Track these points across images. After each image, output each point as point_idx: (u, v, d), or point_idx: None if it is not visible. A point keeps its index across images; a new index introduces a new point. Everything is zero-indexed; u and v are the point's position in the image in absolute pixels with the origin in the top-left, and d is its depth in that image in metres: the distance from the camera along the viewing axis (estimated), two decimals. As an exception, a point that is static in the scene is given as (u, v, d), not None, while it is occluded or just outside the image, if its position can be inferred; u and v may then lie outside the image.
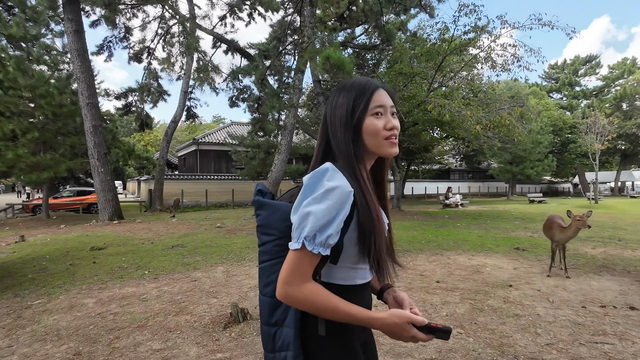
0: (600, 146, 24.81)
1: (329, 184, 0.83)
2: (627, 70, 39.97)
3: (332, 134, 0.94)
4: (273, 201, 0.99)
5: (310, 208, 0.82)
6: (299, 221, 0.83)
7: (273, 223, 0.94)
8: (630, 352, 2.76)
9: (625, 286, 4.48)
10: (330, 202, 0.81)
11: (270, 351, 0.93)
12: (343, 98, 0.94)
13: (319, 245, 0.81)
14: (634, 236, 8.63)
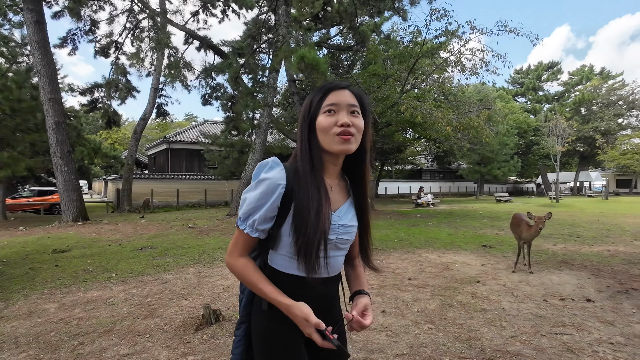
0: (561, 148, 26.16)
1: (264, 175, 0.94)
2: (585, 76, 42.44)
3: (302, 121, 1.01)
4: None
5: (246, 194, 0.95)
6: (240, 204, 0.97)
7: None
8: (586, 341, 2.93)
9: (583, 280, 4.76)
10: (259, 191, 0.93)
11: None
12: (307, 99, 1.03)
13: (248, 227, 0.95)
14: (590, 233, 9.16)
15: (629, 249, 6.93)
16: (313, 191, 0.93)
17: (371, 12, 14.10)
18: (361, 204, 1.09)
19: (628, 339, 2.98)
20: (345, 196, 1.08)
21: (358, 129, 0.97)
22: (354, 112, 0.97)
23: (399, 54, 13.31)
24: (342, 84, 1.00)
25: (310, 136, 0.98)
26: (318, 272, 0.96)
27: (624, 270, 5.29)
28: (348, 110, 0.96)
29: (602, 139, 35.54)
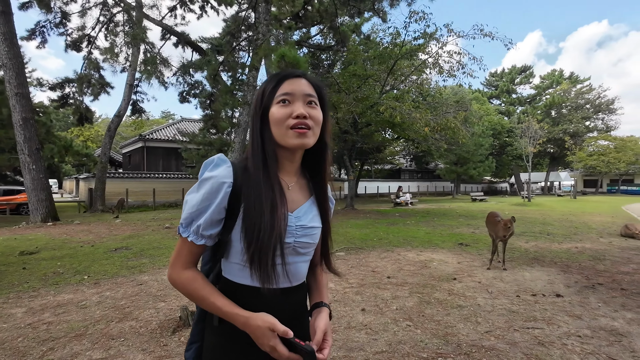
0: (533, 149, 27.15)
1: (208, 174, 0.84)
2: (556, 80, 44.23)
3: (255, 113, 0.91)
4: None
5: (189, 196, 0.85)
6: (183, 208, 0.86)
7: None
8: (556, 335, 3.05)
9: (553, 276, 4.95)
10: (202, 191, 0.82)
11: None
12: (259, 88, 0.93)
13: (192, 233, 0.83)
14: (560, 231, 9.55)
15: (594, 246, 7.27)
16: (266, 190, 0.83)
17: (351, 12, 14.17)
18: (323, 203, 0.98)
19: (594, 331, 3.12)
20: (306, 195, 0.96)
21: (316, 121, 0.87)
22: (311, 103, 0.88)
23: (379, 55, 13.46)
24: (297, 71, 0.91)
25: (263, 129, 0.88)
26: (276, 282, 0.84)
27: (590, 266, 5.54)
28: (304, 100, 0.87)
29: (571, 141, 37.16)
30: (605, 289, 4.33)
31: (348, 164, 17.35)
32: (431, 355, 2.68)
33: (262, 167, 0.85)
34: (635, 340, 2.95)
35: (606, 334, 3.06)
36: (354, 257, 6.13)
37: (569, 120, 38.84)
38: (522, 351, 2.75)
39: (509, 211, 15.97)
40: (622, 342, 2.91)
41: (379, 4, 13.69)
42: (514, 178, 42.17)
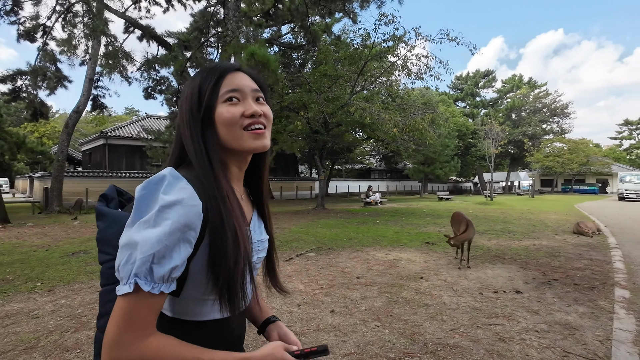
0: (495, 150, 28.39)
1: (166, 198, 0.62)
2: (516, 85, 46.48)
3: (182, 133, 0.74)
4: (112, 211, 0.79)
5: (143, 234, 0.60)
6: (128, 253, 0.60)
7: (110, 239, 0.74)
8: (516, 330, 3.19)
9: (513, 273, 5.19)
10: (169, 222, 0.60)
11: None
12: (189, 88, 0.76)
13: (159, 281, 0.60)
14: (519, 229, 10.04)
15: (550, 243, 7.70)
16: (225, 208, 0.68)
17: (322, 12, 14.18)
18: (265, 212, 0.88)
19: (550, 325, 3.29)
20: (251, 205, 0.87)
21: (269, 119, 0.77)
22: (259, 99, 0.78)
23: (349, 56, 13.57)
24: (235, 65, 0.79)
25: (205, 133, 0.72)
26: (245, 305, 0.73)
27: (546, 262, 5.86)
28: (253, 96, 0.76)
29: (529, 143, 39.26)
30: (560, 285, 4.59)
31: (319, 164, 17.37)
32: (398, 355, 2.72)
33: (213, 179, 0.69)
34: (587, 333, 3.14)
35: (561, 328, 3.23)
36: (324, 258, 6.14)
37: (528, 123, 41.02)
38: (485, 348, 2.85)
39: (473, 210, 16.61)
40: (575, 336, 3.08)
41: (349, 5, 13.79)
42: (478, 178, 43.98)
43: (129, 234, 0.61)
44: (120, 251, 0.61)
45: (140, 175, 20.57)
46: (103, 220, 0.78)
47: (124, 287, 0.59)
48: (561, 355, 2.74)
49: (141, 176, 20.43)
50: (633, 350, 2.82)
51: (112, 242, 0.71)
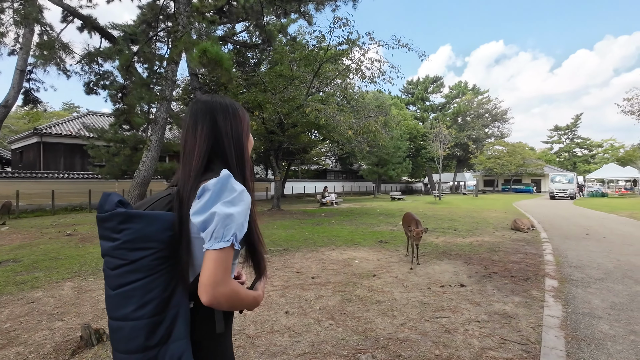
0: (443, 152, 29.98)
1: (237, 187, 0.92)
2: (462, 91, 49.41)
3: (234, 143, 1.04)
4: (149, 212, 0.93)
5: (231, 209, 0.88)
6: (222, 222, 0.86)
7: (152, 235, 0.89)
8: (459, 322, 3.39)
9: (458, 267, 5.50)
10: (243, 203, 0.91)
11: None
12: (242, 115, 1.10)
13: (239, 242, 0.89)
14: (464, 226, 10.68)
15: (491, 239, 8.28)
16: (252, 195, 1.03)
17: (278, 12, 14.10)
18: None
19: (490, 315, 3.54)
20: None
21: None
22: None
23: (305, 57, 13.62)
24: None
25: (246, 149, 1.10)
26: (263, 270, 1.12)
27: (487, 257, 6.28)
28: None
29: (474, 145, 41.95)
30: (499, 277, 4.95)
31: (274, 165, 17.23)
32: (351, 352, 2.78)
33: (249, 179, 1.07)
34: (521, 320, 3.42)
35: (499, 317, 3.49)
36: (278, 259, 6.10)
37: (472, 127, 43.81)
38: (432, 340, 3.00)
39: (423, 209, 17.39)
40: (511, 324, 3.34)
41: (304, 7, 13.84)
42: (428, 178, 46.13)
43: (220, 209, 0.87)
44: (212, 221, 0.86)
45: (81, 176, 19.08)
46: (137, 222, 0.89)
47: (220, 243, 0.85)
48: (499, 343, 2.96)
49: (82, 177, 18.96)
50: (560, 334, 3.11)
51: (155, 237, 0.89)
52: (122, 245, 0.88)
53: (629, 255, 6.41)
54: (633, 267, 5.53)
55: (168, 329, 0.88)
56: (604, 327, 3.28)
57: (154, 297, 0.87)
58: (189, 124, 1.04)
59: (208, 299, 0.83)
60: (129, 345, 0.86)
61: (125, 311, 0.87)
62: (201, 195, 0.90)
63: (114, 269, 0.90)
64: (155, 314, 0.87)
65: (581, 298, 4.09)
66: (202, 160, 0.99)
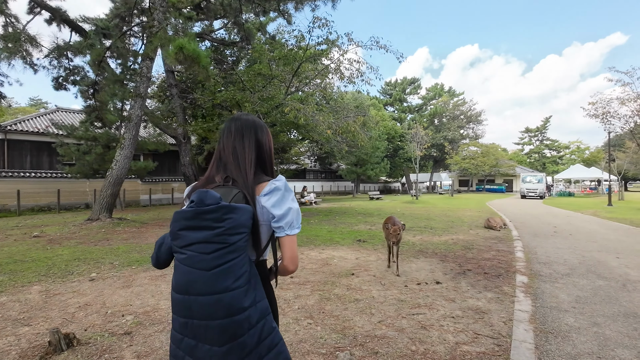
0: (420, 153, 30.56)
1: (290, 188, 1.26)
2: (438, 93, 50.49)
3: (268, 155, 1.36)
4: (241, 204, 1.18)
5: (296, 205, 1.25)
6: (295, 214, 1.23)
7: (245, 222, 1.16)
8: (435, 318, 3.47)
9: (434, 265, 5.63)
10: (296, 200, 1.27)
11: (244, 333, 1.12)
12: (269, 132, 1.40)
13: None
14: (440, 225, 10.93)
15: (466, 237, 8.51)
16: None
17: (256, 10, 13.98)
18: None
19: (464, 311, 3.65)
20: None
21: None
22: None
23: (284, 56, 13.55)
24: None
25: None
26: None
27: (462, 255, 6.46)
28: None
29: (449, 146, 42.96)
30: (472, 274, 5.10)
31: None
32: (329, 350, 2.80)
33: None
34: (493, 315, 3.54)
35: (473, 313, 3.60)
36: (257, 259, 6.05)
37: (448, 128, 44.87)
38: (408, 336, 3.06)
39: (401, 208, 17.68)
40: (484, 319, 3.45)
41: (284, 5, 13.78)
42: (405, 178, 46.88)
43: (292, 205, 1.24)
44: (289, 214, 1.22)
45: (49, 175, 18.28)
46: (236, 212, 1.15)
47: (296, 229, 1.24)
48: (472, 337, 3.05)
49: (50, 176, 18.16)
50: (529, 328, 3.24)
51: (247, 224, 1.17)
52: (225, 231, 1.12)
53: (592, 252, 6.75)
54: (596, 263, 5.83)
55: (254, 292, 1.17)
56: (569, 319, 3.44)
57: (245, 270, 1.15)
58: (235, 133, 1.31)
59: (294, 268, 1.25)
60: (231, 309, 1.11)
61: (227, 284, 1.11)
62: (272, 192, 1.21)
63: (211, 252, 1.12)
64: (246, 283, 1.14)
65: (549, 293, 4.27)
66: (254, 166, 1.28)
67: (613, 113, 20.48)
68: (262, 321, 1.16)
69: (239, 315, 1.11)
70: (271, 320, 1.21)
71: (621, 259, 6.13)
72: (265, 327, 1.17)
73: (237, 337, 1.11)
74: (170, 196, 23.42)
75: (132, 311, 3.64)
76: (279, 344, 1.19)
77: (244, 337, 1.11)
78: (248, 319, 1.13)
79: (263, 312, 1.17)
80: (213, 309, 1.10)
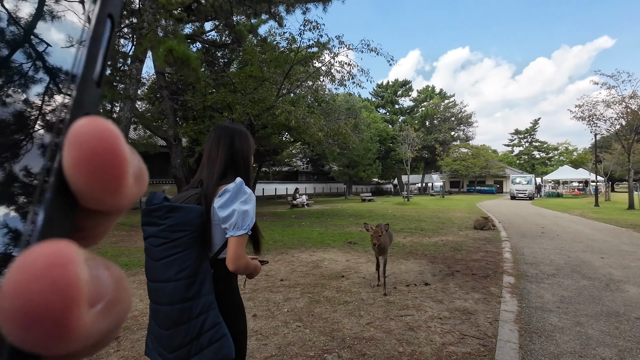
0: (411, 154, 30.78)
1: (248, 191, 1.30)
2: (429, 95, 50.95)
3: (243, 159, 1.43)
4: (186, 205, 1.29)
5: (246, 207, 1.26)
6: (241, 216, 1.24)
7: (189, 221, 1.24)
8: (423, 319, 3.52)
9: (423, 267, 5.69)
10: (252, 202, 1.30)
11: (186, 322, 1.20)
12: (250, 140, 1.47)
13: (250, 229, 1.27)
14: (430, 226, 11.03)
15: (455, 238, 8.61)
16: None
17: (248, 12, 13.98)
18: None
19: (451, 312, 3.70)
20: None
21: None
22: None
23: (275, 58, 13.57)
24: None
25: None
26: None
27: (451, 256, 6.54)
28: None
29: (440, 148, 43.34)
30: (461, 275, 5.16)
31: (245, 166, 16.99)
32: (318, 353, 2.82)
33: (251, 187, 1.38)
34: (480, 316, 3.60)
35: (460, 314, 3.65)
36: (248, 262, 6.05)
37: (439, 130, 45.27)
38: (396, 337, 3.10)
39: (392, 210, 17.78)
40: (471, 319, 3.51)
41: (275, 8, 13.81)
42: (397, 180, 47.13)
43: (238, 207, 1.25)
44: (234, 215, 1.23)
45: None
46: (179, 212, 1.24)
47: (241, 231, 1.24)
48: (459, 338, 3.10)
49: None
50: (514, 328, 3.30)
51: (190, 223, 1.24)
52: (167, 228, 1.22)
53: (578, 252, 6.88)
54: (581, 263, 5.94)
55: (199, 286, 1.23)
56: (553, 319, 3.52)
57: (190, 264, 1.22)
58: (213, 140, 1.41)
59: (233, 268, 1.24)
60: (173, 298, 1.20)
61: (169, 275, 1.21)
62: (222, 194, 1.26)
63: (158, 245, 1.23)
64: (190, 277, 1.22)
65: (535, 293, 4.35)
66: (221, 169, 1.36)
67: (599, 115, 20.91)
68: (205, 315, 1.22)
69: (180, 304, 1.20)
70: (215, 316, 1.25)
71: (605, 259, 6.27)
72: (208, 321, 1.23)
73: (178, 325, 1.19)
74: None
75: (120, 316, 3.61)
76: (221, 339, 1.24)
77: (185, 326, 1.20)
78: (189, 310, 1.20)
79: (206, 306, 1.23)
80: (159, 295, 1.23)
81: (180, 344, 1.20)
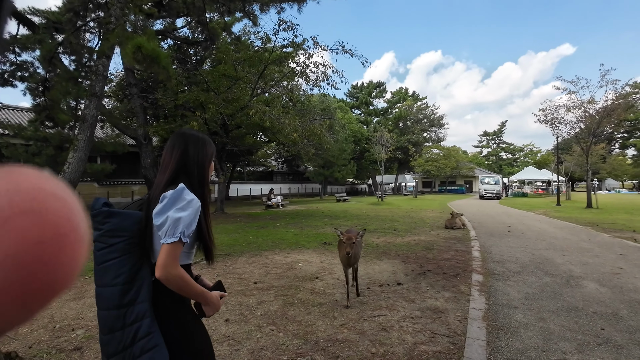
0: (385, 155, 31.24)
1: (189, 197, 1.25)
2: (402, 97, 51.90)
3: (197, 166, 1.40)
4: (124, 210, 1.30)
5: (180, 214, 1.21)
6: (173, 223, 1.20)
7: (126, 227, 1.26)
8: (395, 319, 3.57)
9: (396, 266, 5.78)
10: (191, 209, 1.24)
11: (120, 328, 1.19)
12: (207, 147, 1.45)
13: (187, 237, 1.22)
14: (403, 226, 11.23)
15: (427, 238, 8.81)
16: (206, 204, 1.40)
17: (221, 10, 13.72)
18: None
19: (423, 311, 3.77)
20: None
21: None
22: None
23: (249, 58, 13.41)
24: None
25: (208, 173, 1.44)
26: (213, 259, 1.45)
27: (423, 255, 6.68)
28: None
29: (413, 149, 44.32)
30: (432, 274, 5.29)
31: (218, 167, 16.70)
32: (291, 357, 2.80)
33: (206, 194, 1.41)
34: (450, 314, 3.69)
35: (431, 313, 3.73)
36: (220, 265, 5.94)
37: (412, 132, 46.24)
38: (369, 338, 3.12)
39: (366, 210, 17.98)
40: (441, 318, 3.59)
41: (249, 6, 13.63)
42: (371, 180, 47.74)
43: (172, 214, 1.20)
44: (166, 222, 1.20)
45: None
46: (116, 217, 1.26)
47: (171, 239, 1.19)
48: (430, 337, 3.17)
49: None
50: (482, 325, 3.41)
51: (128, 229, 1.26)
52: (105, 233, 1.24)
53: (541, 250, 7.21)
54: (544, 260, 6.23)
55: (135, 294, 1.21)
56: (518, 316, 3.66)
57: (125, 270, 1.22)
58: (168, 146, 1.40)
59: (159, 276, 1.18)
60: (108, 303, 1.20)
61: (106, 280, 1.22)
62: (161, 201, 1.24)
63: (99, 250, 1.25)
64: (126, 283, 1.21)
65: (501, 290, 4.52)
66: (170, 175, 1.35)
67: (560, 119, 22.03)
68: (138, 323, 1.19)
69: (116, 310, 1.19)
70: (149, 326, 1.21)
71: (566, 256, 6.60)
72: (141, 330, 1.19)
73: (113, 331, 1.19)
74: (130, 199, 22.38)
75: (84, 324, 3.46)
76: (153, 349, 1.20)
77: (119, 332, 1.19)
78: (123, 317, 1.19)
79: (140, 314, 1.20)
80: (99, 300, 1.24)
81: (115, 351, 1.18)
